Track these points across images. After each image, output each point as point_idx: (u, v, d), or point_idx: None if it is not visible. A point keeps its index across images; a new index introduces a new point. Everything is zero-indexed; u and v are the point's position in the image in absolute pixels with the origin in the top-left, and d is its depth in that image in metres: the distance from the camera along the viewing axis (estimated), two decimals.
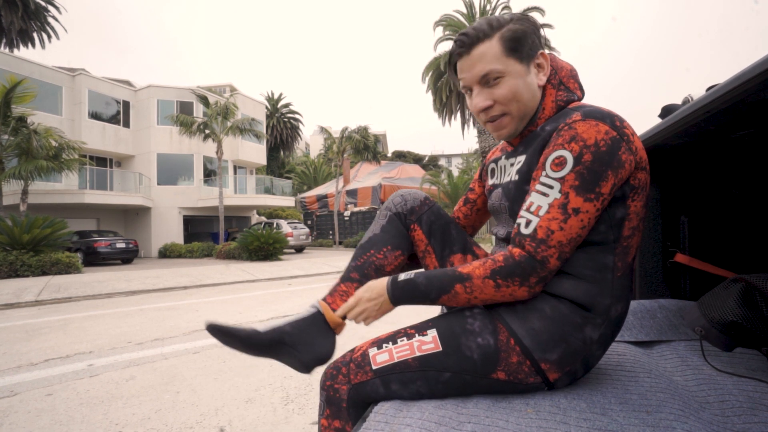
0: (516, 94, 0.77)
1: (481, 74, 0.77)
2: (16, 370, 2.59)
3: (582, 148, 0.67)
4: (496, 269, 0.71)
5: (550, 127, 0.77)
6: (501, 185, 0.88)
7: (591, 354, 0.74)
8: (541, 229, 0.69)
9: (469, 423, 0.64)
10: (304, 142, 41.55)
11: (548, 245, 0.68)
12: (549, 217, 0.69)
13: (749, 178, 1.24)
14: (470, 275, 0.73)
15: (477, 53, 0.77)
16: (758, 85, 0.67)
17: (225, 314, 4.33)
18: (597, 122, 0.68)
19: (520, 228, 0.72)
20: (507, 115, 0.79)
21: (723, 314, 0.84)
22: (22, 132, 10.51)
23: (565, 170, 0.68)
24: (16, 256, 8.32)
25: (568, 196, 0.68)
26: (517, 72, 0.77)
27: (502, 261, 0.71)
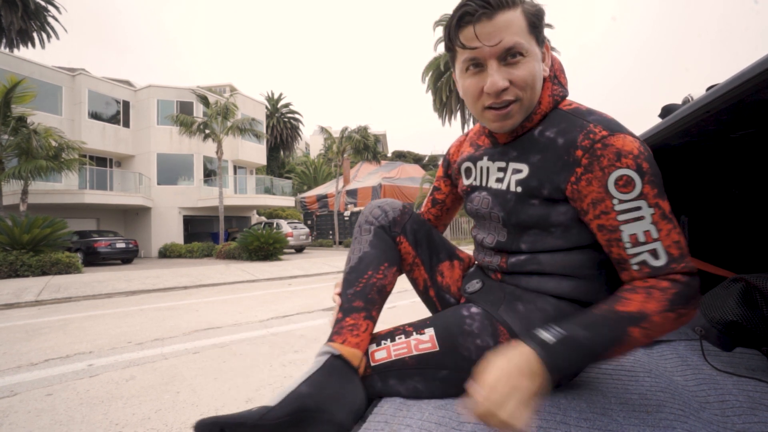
0: (534, 79, 0.69)
1: (506, 46, 0.66)
2: (16, 370, 2.59)
3: (635, 160, 0.63)
4: (675, 298, 0.60)
5: (563, 138, 0.69)
6: (488, 190, 0.80)
7: None
8: (671, 248, 0.62)
9: (469, 423, 0.64)
10: (304, 142, 41.54)
11: (686, 254, 0.63)
12: (664, 234, 0.62)
13: (749, 178, 1.24)
14: (645, 312, 0.59)
15: (503, 20, 0.66)
16: (758, 85, 0.67)
17: (225, 314, 4.33)
18: (623, 135, 0.65)
19: (650, 263, 0.62)
20: (518, 103, 0.70)
21: (723, 314, 0.84)
22: (22, 132, 10.51)
23: (638, 186, 0.63)
24: (16, 256, 8.31)
25: (659, 205, 0.63)
26: (535, 54, 0.69)
27: (673, 288, 0.61)
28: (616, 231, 0.64)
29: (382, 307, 0.84)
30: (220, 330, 3.58)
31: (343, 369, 0.72)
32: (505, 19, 0.66)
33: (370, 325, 0.79)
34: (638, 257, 0.63)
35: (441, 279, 0.92)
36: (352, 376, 0.72)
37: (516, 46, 0.66)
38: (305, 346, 2.98)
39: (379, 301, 0.82)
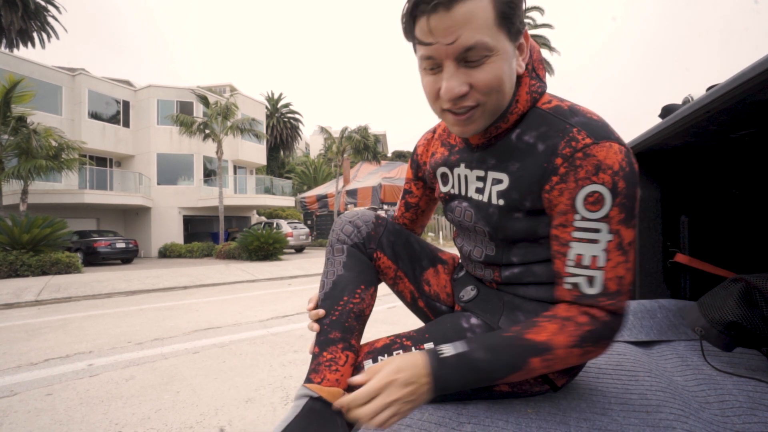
0: (500, 82, 0.60)
1: (464, 46, 0.56)
2: (16, 369, 2.59)
3: (613, 177, 0.57)
4: (586, 335, 0.58)
5: (543, 144, 0.63)
6: (469, 201, 0.75)
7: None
8: (610, 281, 0.58)
9: (469, 423, 0.64)
10: (304, 142, 41.55)
11: (623, 293, 0.59)
12: (612, 264, 0.58)
13: (749, 178, 1.24)
14: (551, 345, 0.58)
15: (463, 12, 0.55)
16: (758, 85, 0.67)
17: (225, 314, 4.33)
18: (609, 143, 0.58)
19: (582, 288, 0.60)
20: (480, 108, 0.62)
21: (723, 314, 0.84)
22: (22, 132, 10.51)
23: (606, 207, 0.58)
24: (16, 255, 8.31)
25: (619, 233, 0.58)
26: (505, 52, 0.59)
27: (589, 325, 0.59)
28: (566, 245, 0.61)
29: (362, 332, 0.79)
30: (219, 330, 3.58)
31: (323, 412, 0.66)
32: (466, 10, 0.55)
33: (350, 356, 0.74)
34: (574, 278, 0.60)
35: (428, 288, 0.87)
36: (334, 417, 0.66)
37: (477, 45, 0.56)
38: (305, 345, 2.98)
39: (358, 327, 0.77)
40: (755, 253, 1.23)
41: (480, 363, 0.58)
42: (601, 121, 0.61)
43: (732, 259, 1.26)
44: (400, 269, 0.85)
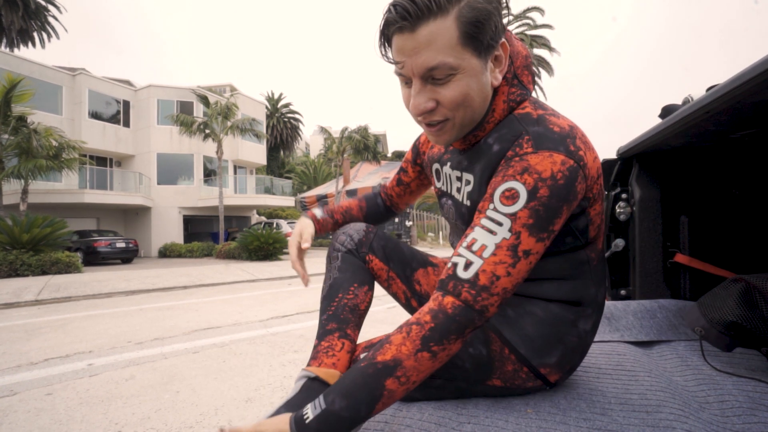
0: (466, 98, 0.62)
1: (426, 66, 0.59)
2: (16, 369, 2.59)
3: (537, 182, 0.58)
4: (428, 335, 0.57)
5: (498, 146, 0.66)
6: (452, 199, 0.79)
7: (586, 343, 0.75)
8: (484, 274, 0.57)
9: (468, 423, 0.64)
10: (304, 142, 41.54)
11: (491, 293, 0.57)
12: (495, 260, 0.57)
13: (749, 178, 1.24)
14: (398, 359, 0.57)
15: (425, 33, 0.57)
16: (758, 85, 0.67)
17: (225, 314, 4.33)
18: (551, 153, 0.59)
19: (457, 270, 0.59)
20: (449, 122, 0.65)
21: (723, 314, 0.84)
22: (22, 131, 10.51)
23: (517, 205, 0.58)
24: (16, 255, 8.31)
25: (519, 236, 0.58)
26: (472, 69, 0.61)
27: (431, 321, 0.58)
28: (470, 228, 0.62)
29: (359, 324, 0.82)
30: (219, 330, 3.58)
31: (320, 390, 0.69)
32: (429, 32, 0.57)
33: (347, 343, 0.77)
34: (457, 258, 0.60)
35: (419, 287, 0.92)
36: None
37: (440, 65, 0.58)
38: (305, 345, 2.98)
39: (354, 320, 0.80)
40: (755, 254, 1.23)
41: (341, 412, 0.56)
42: (558, 135, 0.61)
43: (732, 260, 1.26)
44: (391, 270, 0.90)
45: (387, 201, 1.06)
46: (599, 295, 0.74)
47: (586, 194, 0.65)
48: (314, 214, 0.96)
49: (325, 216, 0.97)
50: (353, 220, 1.00)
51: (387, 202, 1.06)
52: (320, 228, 0.96)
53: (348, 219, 1.00)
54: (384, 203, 1.06)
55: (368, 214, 1.03)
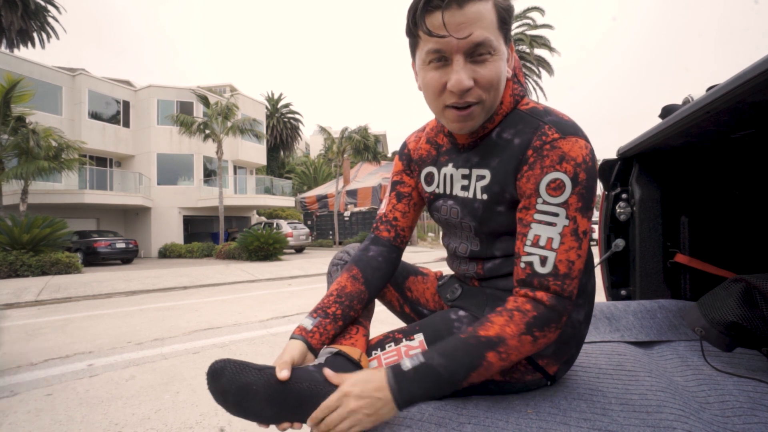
0: (499, 80, 0.65)
1: (475, 41, 0.61)
2: (16, 370, 2.58)
3: (575, 168, 0.63)
4: (532, 321, 0.62)
5: (519, 138, 0.68)
6: (454, 198, 0.78)
7: (581, 334, 0.76)
8: (561, 263, 0.63)
9: (469, 424, 0.64)
10: (304, 142, 41.54)
11: (572, 278, 0.63)
12: (565, 248, 0.63)
13: (750, 178, 1.24)
14: (502, 337, 0.61)
15: (474, 11, 0.60)
16: (758, 85, 0.67)
17: (225, 314, 4.33)
18: (576, 138, 0.64)
19: (534, 267, 0.64)
20: (480, 105, 0.66)
21: (723, 314, 0.84)
22: (22, 132, 10.51)
23: (566, 194, 0.63)
24: (16, 256, 8.31)
25: (576, 221, 0.63)
26: (503, 53, 0.65)
27: (533, 311, 0.62)
28: (527, 226, 0.65)
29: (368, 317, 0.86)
30: (219, 330, 3.58)
31: (344, 363, 0.70)
32: (477, 10, 0.60)
33: (361, 329, 0.80)
34: (529, 257, 0.64)
35: (410, 294, 0.96)
36: (354, 368, 0.70)
37: (486, 42, 0.61)
38: None
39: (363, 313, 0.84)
40: (755, 254, 1.23)
41: (439, 368, 0.61)
42: (570, 121, 0.67)
43: (732, 260, 1.26)
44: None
45: (390, 233, 0.89)
46: (589, 286, 0.76)
47: None
48: (303, 327, 0.75)
49: (316, 321, 0.76)
50: (354, 297, 0.80)
51: (390, 234, 0.89)
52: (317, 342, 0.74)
53: (348, 302, 0.79)
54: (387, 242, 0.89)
55: (367, 276, 0.84)
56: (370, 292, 0.83)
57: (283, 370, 0.64)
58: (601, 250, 1.58)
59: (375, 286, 0.84)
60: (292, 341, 0.73)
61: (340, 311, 0.78)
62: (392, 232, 0.89)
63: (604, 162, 1.54)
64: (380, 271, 0.85)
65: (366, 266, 0.85)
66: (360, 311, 0.83)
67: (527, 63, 22.44)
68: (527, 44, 21.72)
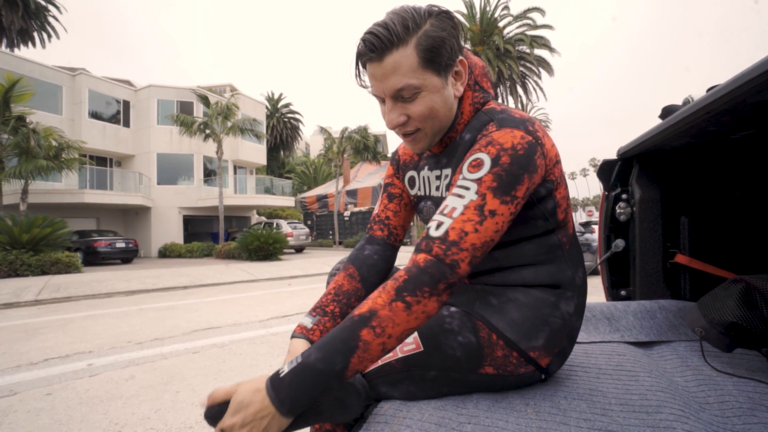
0: (432, 111, 0.72)
1: (394, 89, 0.69)
2: (16, 369, 2.59)
3: (499, 151, 0.65)
4: (401, 286, 0.60)
5: (470, 135, 0.75)
6: (431, 199, 0.85)
7: (573, 327, 0.77)
8: (453, 230, 0.62)
9: (469, 424, 0.64)
10: (304, 142, 41.54)
11: (460, 248, 0.61)
12: (463, 218, 0.63)
13: (750, 178, 1.24)
14: (373, 309, 0.59)
15: (390, 62, 0.67)
16: (759, 85, 0.67)
17: (225, 314, 4.33)
18: (512, 129, 0.67)
19: (430, 231, 0.64)
20: (421, 131, 0.74)
21: (723, 315, 0.84)
22: (22, 131, 10.51)
23: (482, 171, 0.65)
24: (15, 255, 8.31)
25: (485, 198, 0.64)
26: (434, 86, 0.70)
27: (404, 274, 0.61)
28: (445, 199, 0.68)
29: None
30: (219, 330, 3.58)
31: None
32: (393, 61, 0.67)
33: None
34: (430, 223, 0.66)
35: None
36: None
37: (405, 86, 0.68)
38: None
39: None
40: (755, 254, 1.23)
41: (317, 363, 0.57)
42: (519, 118, 0.70)
43: (732, 260, 1.26)
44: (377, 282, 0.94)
45: (383, 232, 0.93)
46: (577, 278, 0.77)
47: (548, 175, 0.72)
48: (303, 326, 0.80)
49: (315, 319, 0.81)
50: (351, 295, 0.85)
51: (383, 233, 0.93)
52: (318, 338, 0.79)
53: (345, 300, 0.84)
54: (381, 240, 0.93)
55: (363, 274, 0.88)
56: (366, 290, 0.87)
57: None
58: (601, 250, 1.58)
59: (371, 283, 0.88)
60: (296, 341, 0.78)
61: (338, 309, 0.83)
62: (385, 230, 0.94)
63: (604, 162, 1.54)
64: (376, 268, 0.89)
65: (362, 264, 0.89)
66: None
67: (527, 63, 22.44)
68: (527, 44, 21.72)
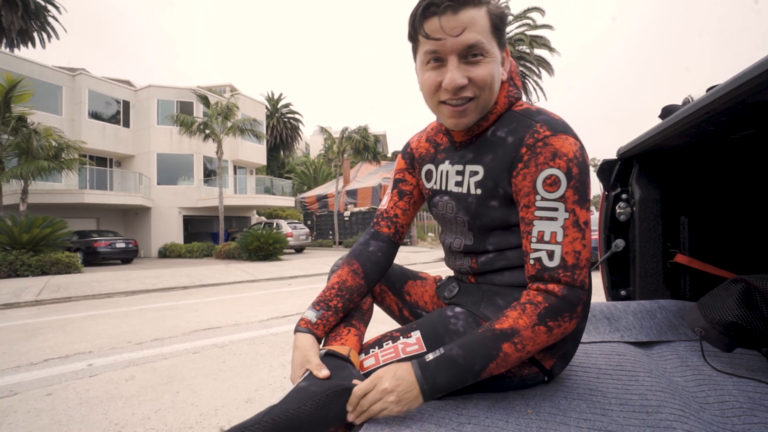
0: (492, 79, 0.70)
1: (467, 43, 0.66)
2: (16, 369, 2.59)
3: (567, 163, 0.66)
4: (544, 312, 0.65)
5: (512, 137, 0.71)
6: (449, 194, 0.81)
7: (577, 330, 0.76)
8: (568, 255, 0.65)
9: (469, 424, 0.64)
10: (304, 142, 41.53)
11: (580, 267, 0.66)
12: (569, 240, 0.66)
13: (749, 178, 1.24)
14: (515, 329, 0.65)
15: (467, 16, 0.66)
16: (758, 85, 0.67)
17: (225, 314, 4.33)
18: (566, 135, 0.68)
19: (543, 262, 0.66)
20: (474, 101, 0.71)
21: (723, 315, 0.84)
22: (22, 132, 10.50)
23: (562, 189, 0.66)
24: (15, 255, 8.31)
25: (575, 213, 0.66)
26: (495, 56, 0.70)
27: (545, 302, 0.65)
28: (530, 224, 0.68)
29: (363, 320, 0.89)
30: (219, 330, 3.58)
31: (333, 360, 0.74)
32: (470, 15, 0.66)
33: (353, 330, 0.83)
34: (536, 253, 0.67)
35: (409, 297, 0.98)
36: (344, 363, 0.73)
37: (478, 44, 0.67)
38: None
39: (357, 315, 0.88)
40: (755, 254, 1.23)
41: (458, 359, 0.65)
42: (561, 120, 0.70)
43: (732, 260, 1.26)
44: (383, 284, 0.98)
45: (390, 229, 0.93)
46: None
47: None
48: (308, 320, 0.81)
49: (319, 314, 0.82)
50: (354, 291, 0.85)
51: (390, 230, 0.93)
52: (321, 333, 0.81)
53: (348, 295, 0.85)
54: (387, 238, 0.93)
55: (367, 271, 0.88)
56: (368, 286, 0.88)
57: (323, 370, 0.70)
58: (601, 250, 1.58)
59: (373, 280, 0.89)
60: (303, 335, 0.78)
61: (341, 304, 0.84)
62: (392, 228, 0.93)
63: (604, 162, 1.54)
64: (379, 266, 0.90)
65: (366, 261, 0.89)
66: (358, 303, 0.89)
67: (527, 63, 22.43)
68: (527, 44, 21.71)
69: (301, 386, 0.68)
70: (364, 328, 0.88)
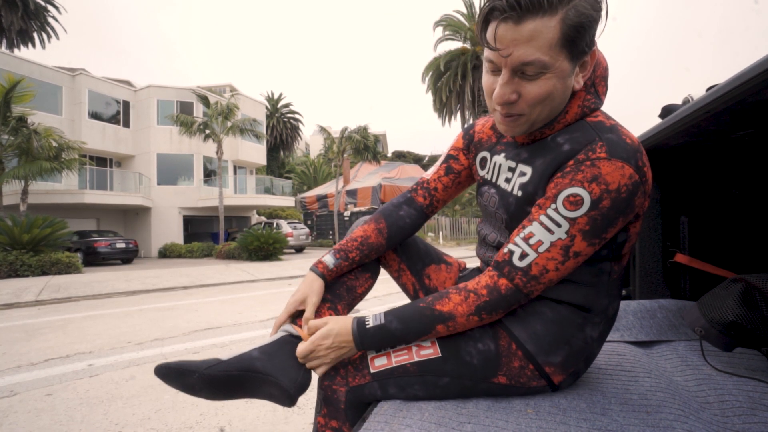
0: (548, 97, 0.64)
1: (522, 61, 0.60)
2: (16, 370, 2.59)
3: (603, 192, 0.60)
4: (482, 305, 0.68)
5: (569, 146, 0.66)
6: (497, 188, 0.80)
7: (592, 352, 0.75)
8: (536, 266, 0.65)
9: (468, 423, 0.64)
10: (304, 142, 41.52)
11: (539, 282, 0.66)
12: (548, 256, 0.64)
13: (749, 178, 1.24)
14: (453, 314, 0.69)
15: (528, 28, 0.58)
16: (758, 85, 0.67)
17: (225, 314, 4.33)
18: (623, 164, 0.60)
19: (513, 258, 0.66)
20: (524, 117, 0.67)
21: (723, 314, 0.84)
22: (22, 132, 10.50)
23: (578, 212, 0.61)
24: (16, 256, 8.31)
25: (574, 240, 0.63)
26: (562, 71, 0.62)
27: (486, 295, 0.68)
28: (529, 222, 0.67)
29: (350, 305, 0.91)
30: (219, 330, 3.58)
31: (295, 346, 0.77)
32: (533, 28, 0.58)
33: (333, 315, 0.85)
34: (514, 247, 0.67)
35: (428, 281, 0.96)
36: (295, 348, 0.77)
37: (535, 62, 0.60)
38: None
39: (347, 299, 0.89)
40: (755, 253, 1.23)
41: (396, 332, 0.71)
42: (630, 146, 0.62)
43: (732, 259, 1.26)
44: (403, 262, 0.96)
45: (425, 200, 0.92)
46: (610, 309, 0.74)
47: (638, 210, 0.66)
48: (325, 264, 0.85)
49: (338, 262, 0.86)
50: (373, 249, 0.88)
51: (425, 201, 0.92)
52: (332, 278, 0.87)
53: (367, 252, 0.88)
54: (420, 207, 0.92)
55: (392, 233, 0.89)
56: (387, 248, 0.90)
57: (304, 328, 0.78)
58: None
59: (394, 243, 0.91)
60: (315, 279, 0.84)
61: (358, 258, 0.87)
62: (428, 199, 0.92)
63: None
64: (403, 231, 0.91)
65: (393, 224, 0.90)
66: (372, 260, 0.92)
67: None
68: None
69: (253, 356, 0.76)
70: (347, 312, 0.90)
